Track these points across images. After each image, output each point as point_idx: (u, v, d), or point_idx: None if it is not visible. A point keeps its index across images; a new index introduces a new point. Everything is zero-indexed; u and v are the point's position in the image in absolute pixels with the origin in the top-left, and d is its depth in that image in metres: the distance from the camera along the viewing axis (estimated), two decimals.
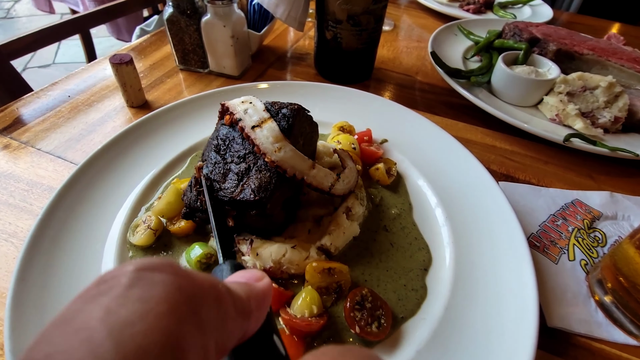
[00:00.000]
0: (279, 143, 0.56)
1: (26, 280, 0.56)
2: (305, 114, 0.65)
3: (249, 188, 0.56)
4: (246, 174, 0.58)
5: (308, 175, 0.58)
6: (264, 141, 0.57)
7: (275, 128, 0.57)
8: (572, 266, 0.73)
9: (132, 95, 1.02)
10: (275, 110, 0.61)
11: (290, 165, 0.57)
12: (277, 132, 0.57)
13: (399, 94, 1.19)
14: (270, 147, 0.56)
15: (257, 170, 0.57)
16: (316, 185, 0.60)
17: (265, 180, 0.56)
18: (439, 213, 0.75)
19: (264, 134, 0.57)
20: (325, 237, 0.63)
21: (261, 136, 0.57)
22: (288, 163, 0.56)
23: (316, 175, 0.59)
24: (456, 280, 0.64)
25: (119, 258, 0.63)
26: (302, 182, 0.59)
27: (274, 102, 0.64)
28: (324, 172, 0.61)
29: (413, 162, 0.86)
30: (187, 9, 1.06)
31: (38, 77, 4.44)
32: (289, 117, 0.60)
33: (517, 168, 0.94)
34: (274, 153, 0.56)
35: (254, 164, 0.58)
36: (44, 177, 0.82)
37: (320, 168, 0.60)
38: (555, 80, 1.03)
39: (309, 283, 0.58)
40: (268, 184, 0.56)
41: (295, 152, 0.57)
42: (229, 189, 0.58)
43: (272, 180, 0.56)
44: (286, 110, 0.60)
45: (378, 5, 1.02)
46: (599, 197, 0.86)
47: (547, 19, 1.67)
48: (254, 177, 0.57)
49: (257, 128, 0.58)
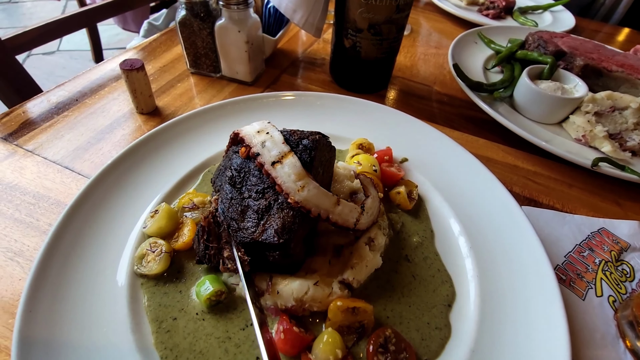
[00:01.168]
0: (301, 181, 0.53)
1: (34, 312, 0.54)
2: (325, 142, 0.61)
3: (271, 229, 0.53)
4: (267, 211, 0.55)
5: (333, 214, 0.55)
6: (285, 179, 0.53)
7: (297, 164, 0.54)
8: (599, 303, 0.70)
9: (142, 102, 0.98)
10: (295, 141, 0.58)
11: (314, 205, 0.53)
12: (299, 169, 0.54)
13: (416, 105, 1.15)
14: (293, 187, 0.53)
15: (279, 209, 0.54)
16: (342, 223, 0.56)
17: (288, 220, 0.53)
18: (462, 242, 0.72)
19: (285, 171, 0.53)
20: (347, 271, 0.60)
21: (282, 174, 0.53)
22: (312, 202, 0.53)
23: (341, 212, 0.56)
24: (481, 318, 0.61)
25: (131, 287, 0.60)
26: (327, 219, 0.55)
27: (293, 131, 0.60)
28: (349, 207, 0.57)
29: (434, 184, 0.82)
30: (200, 12, 1.01)
31: (42, 64, 4.38)
32: (311, 150, 0.56)
33: (541, 191, 0.91)
34: (297, 193, 0.52)
35: (274, 201, 0.55)
36: (51, 190, 0.79)
37: (345, 203, 0.57)
38: (582, 98, 0.99)
39: (331, 322, 0.55)
40: (292, 224, 0.52)
41: (319, 189, 0.54)
42: (249, 229, 0.55)
43: (295, 220, 0.53)
44: (307, 142, 0.57)
45: (401, 14, 0.97)
46: (627, 227, 0.83)
47: (569, 27, 1.61)
48: (275, 216, 0.54)
49: (278, 164, 0.54)
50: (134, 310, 0.58)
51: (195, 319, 0.57)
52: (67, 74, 4.17)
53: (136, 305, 0.59)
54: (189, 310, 0.58)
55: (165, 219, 0.67)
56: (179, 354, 0.54)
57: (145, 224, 0.67)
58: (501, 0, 1.70)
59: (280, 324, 0.54)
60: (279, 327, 0.54)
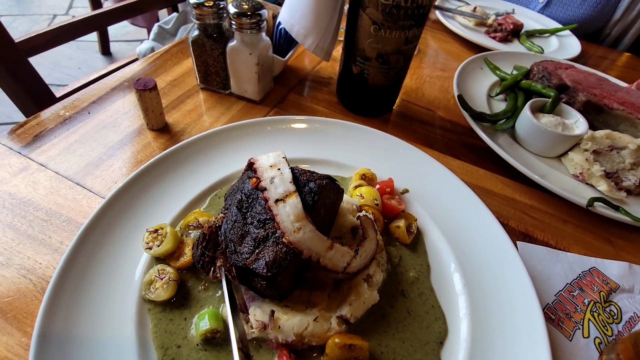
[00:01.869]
0: (299, 222, 0.56)
1: (47, 337, 0.57)
2: (332, 186, 0.64)
3: (263, 260, 0.56)
4: (263, 242, 0.58)
5: (324, 258, 0.58)
6: (284, 219, 0.56)
7: (298, 205, 0.57)
8: (585, 344, 0.73)
9: (152, 119, 1.00)
10: (303, 181, 0.61)
11: (307, 247, 0.56)
12: (299, 210, 0.56)
13: (419, 131, 1.17)
14: (290, 227, 0.56)
15: (275, 243, 0.57)
16: (331, 267, 0.60)
17: (280, 256, 0.56)
18: (457, 279, 0.75)
19: (285, 210, 0.56)
20: (345, 307, 0.63)
21: (282, 213, 0.56)
22: (305, 245, 0.56)
23: (332, 257, 0.59)
24: (471, 357, 0.64)
25: (139, 313, 0.63)
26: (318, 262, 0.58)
27: (304, 171, 0.63)
28: (341, 252, 0.60)
29: (433, 218, 0.85)
30: (213, 32, 1.03)
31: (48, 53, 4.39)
32: (315, 194, 0.59)
33: (536, 226, 0.94)
34: (292, 233, 0.55)
35: (272, 234, 0.58)
36: (63, 207, 0.82)
37: (338, 248, 0.60)
38: (582, 136, 1.02)
39: (328, 357, 0.58)
40: (283, 260, 0.56)
41: (314, 233, 0.57)
42: (244, 254, 0.58)
43: (287, 257, 0.56)
44: (313, 185, 0.60)
45: (409, 46, 0.99)
46: (617, 268, 0.86)
47: (575, 54, 1.63)
48: (270, 248, 0.57)
49: (280, 202, 0.57)
50: (141, 336, 0.61)
51: (197, 349, 0.60)
52: (74, 65, 4.19)
53: (143, 331, 0.62)
54: (191, 340, 0.61)
55: (171, 243, 0.70)
56: None
57: (147, 244, 0.70)
58: (509, 23, 1.72)
59: (280, 358, 0.57)
60: None
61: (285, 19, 1.08)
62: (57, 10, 5.04)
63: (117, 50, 4.43)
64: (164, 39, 2.03)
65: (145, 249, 0.68)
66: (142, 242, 0.69)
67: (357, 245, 0.65)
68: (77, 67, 4.16)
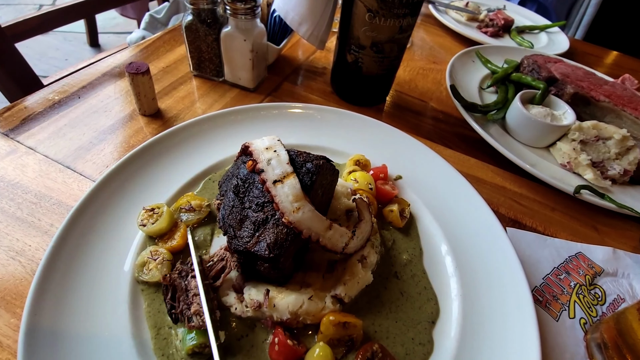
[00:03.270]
0: (298, 202, 0.56)
1: (39, 315, 0.56)
2: (329, 166, 0.64)
3: (264, 242, 0.56)
4: (263, 224, 0.58)
5: (323, 237, 0.59)
6: (283, 199, 0.56)
7: (297, 185, 0.57)
8: (571, 324, 0.75)
9: (145, 104, 0.99)
10: (300, 162, 0.61)
11: (306, 227, 0.57)
12: (297, 190, 0.57)
13: (412, 121, 1.19)
14: (289, 207, 0.56)
15: (275, 224, 0.57)
16: (330, 247, 0.60)
17: (281, 237, 0.56)
18: (449, 262, 0.76)
19: (284, 191, 0.57)
20: (339, 286, 0.63)
21: (281, 193, 0.57)
22: (304, 225, 0.56)
23: (332, 236, 0.59)
24: (462, 336, 0.65)
25: (132, 293, 0.63)
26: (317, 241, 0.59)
27: (300, 152, 0.63)
28: (340, 232, 0.61)
29: (426, 203, 0.86)
30: (207, 18, 1.02)
31: (35, 44, 4.28)
32: (313, 174, 0.59)
33: (525, 213, 0.96)
34: (292, 213, 0.56)
35: (271, 216, 0.58)
36: (53, 190, 0.80)
37: (337, 228, 0.60)
38: (570, 126, 1.04)
39: (323, 335, 0.59)
40: (284, 241, 0.56)
41: (313, 212, 0.57)
42: (244, 238, 0.58)
43: (288, 237, 0.56)
44: (311, 165, 0.60)
45: (403, 34, 1.00)
46: (602, 253, 0.88)
47: (564, 50, 1.66)
48: (270, 230, 0.57)
49: (279, 183, 0.57)
50: (134, 315, 0.61)
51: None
52: (60, 56, 4.09)
53: (137, 310, 0.62)
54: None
55: (166, 222, 0.70)
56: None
57: (142, 221, 0.69)
58: (500, 19, 1.74)
59: (276, 336, 0.58)
60: (274, 339, 0.57)
61: (280, 5, 1.08)
62: (43, 1, 4.91)
63: (105, 42, 4.34)
64: (155, 29, 1.99)
65: (139, 225, 0.68)
66: (137, 219, 0.69)
67: (353, 227, 0.66)
68: (64, 58, 4.07)
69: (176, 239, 0.70)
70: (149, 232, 0.68)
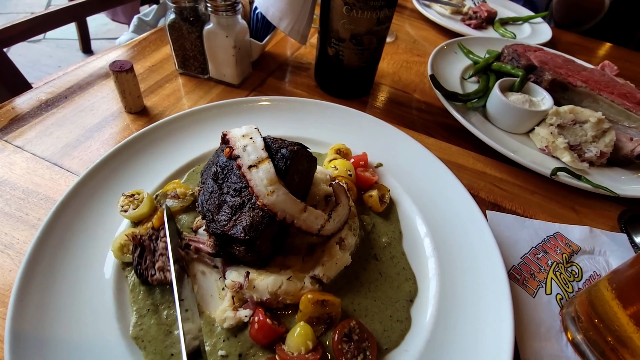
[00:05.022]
0: (272, 186, 0.58)
1: (25, 302, 0.58)
2: (305, 152, 0.66)
3: (241, 225, 0.58)
4: (239, 209, 0.60)
5: (298, 219, 0.61)
6: (258, 183, 0.58)
7: (271, 170, 0.59)
8: (548, 300, 0.77)
9: (130, 102, 1.01)
10: (275, 148, 0.63)
11: (281, 209, 0.59)
12: (272, 175, 0.59)
13: (396, 112, 1.21)
14: (263, 190, 0.58)
15: (250, 208, 0.59)
16: (305, 229, 0.62)
17: (257, 220, 0.58)
18: (427, 243, 0.78)
19: (259, 175, 0.59)
20: (318, 267, 0.66)
21: (256, 177, 0.59)
22: (279, 207, 0.58)
23: (306, 219, 0.62)
24: (439, 312, 0.67)
25: (117, 279, 0.65)
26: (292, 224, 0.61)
27: (276, 139, 0.65)
28: (315, 214, 0.63)
29: (406, 189, 0.89)
30: (189, 16, 1.05)
31: (27, 52, 4.30)
32: (287, 159, 0.61)
33: (505, 197, 0.98)
34: (266, 196, 0.58)
35: (248, 200, 0.60)
36: (40, 186, 0.82)
37: (312, 211, 0.62)
38: (547, 111, 1.07)
39: (302, 313, 0.61)
40: (259, 224, 0.58)
41: (287, 195, 0.59)
42: (222, 221, 0.60)
43: (263, 220, 0.58)
44: (285, 151, 0.62)
45: (381, 26, 1.02)
46: (579, 232, 0.90)
47: (546, 39, 1.69)
48: (246, 214, 0.59)
49: (254, 168, 0.59)
50: (119, 301, 0.63)
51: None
52: (53, 63, 4.11)
53: (121, 295, 0.63)
54: None
55: (148, 207, 0.72)
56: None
57: (123, 207, 0.71)
58: (483, 11, 1.77)
59: (256, 315, 0.60)
60: (254, 319, 0.59)
61: (261, 2, 1.10)
62: (35, 8, 4.93)
63: (98, 48, 4.35)
64: (143, 31, 2.02)
65: (121, 211, 0.70)
66: (118, 205, 0.71)
67: (330, 210, 0.68)
68: (57, 65, 4.08)
69: (154, 220, 0.72)
70: (131, 217, 0.70)
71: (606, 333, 0.65)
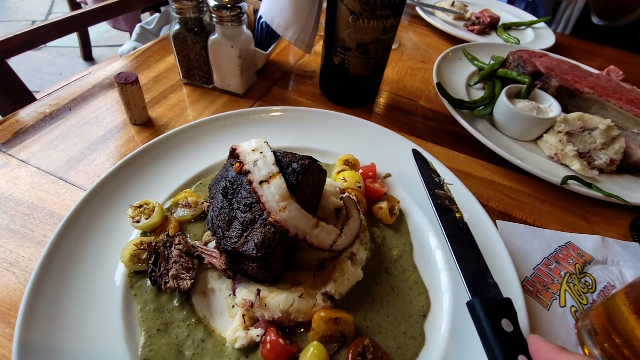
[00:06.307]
0: (284, 202, 0.57)
1: (32, 323, 0.57)
2: (315, 166, 0.65)
3: (252, 241, 0.57)
4: (251, 224, 0.59)
5: (310, 235, 0.60)
6: (269, 199, 0.57)
7: (283, 185, 0.58)
8: (562, 313, 0.76)
9: (135, 113, 1.00)
10: (286, 162, 0.62)
11: (293, 225, 0.58)
12: (283, 190, 0.58)
13: (402, 120, 1.20)
14: (275, 206, 0.57)
15: (262, 224, 0.58)
16: (317, 244, 0.61)
17: (268, 236, 0.57)
18: (439, 256, 0.77)
19: (270, 191, 0.58)
20: (330, 283, 0.64)
21: (267, 193, 0.58)
22: (291, 223, 0.57)
23: (318, 234, 0.60)
24: (453, 328, 0.66)
25: (125, 298, 0.64)
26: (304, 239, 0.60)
27: (286, 152, 0.64)
28: (327, 229, 0.62)
29: (415, 200, 0.87)
30: (194, 26, 1.04)
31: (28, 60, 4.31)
32: (299, 174, 0.60)
33: (515, 206, 0.97)
34: (278, 212, 0.57)
35: (259, 216, 0.59)
36: (45, 201, 0.81)
37: (324, 226, 0.61)
38: (556, 119, 1.06)
39: (315, 332, 0.60)
40: (271, 240, 0.57)
41: (299, 211, 0.58)
42: (232, 238, 0.59)
43: (275, 237, 0.57)
44: (296, 165, 0.61)
45: (387, 35, 1.02)
46: (591, 241, 0.89)
47: (549, 45, 1.69)
48: (258, 230, 0.58)
49: (265, 184, 0.58)
50: (127, 321, 0.61)
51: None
52: (54, 71, 4.12)
53: (130, 316, 0.62)
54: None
55: (160, 216, 0.72)
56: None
57: (134, 218, 0.71)
58: (486, 17, 1.77)
59: (268, 334, 0.58)
60: (266, 338, 0.58)
61: (266, 11, 1.10)
62: (36, 16, 4.95)
63: (99, 55, 4.36)
64: (146, 39, 2.02)
65: (133, 222, 0.69)
66: (128, 217, 0.70)
67: (341, 224, 0.67)
68: (58, 73, 4.09)
69: (170, 229, 0.72)
70: (144, 227, 0.69)
71: (624, 348, 0.63)
